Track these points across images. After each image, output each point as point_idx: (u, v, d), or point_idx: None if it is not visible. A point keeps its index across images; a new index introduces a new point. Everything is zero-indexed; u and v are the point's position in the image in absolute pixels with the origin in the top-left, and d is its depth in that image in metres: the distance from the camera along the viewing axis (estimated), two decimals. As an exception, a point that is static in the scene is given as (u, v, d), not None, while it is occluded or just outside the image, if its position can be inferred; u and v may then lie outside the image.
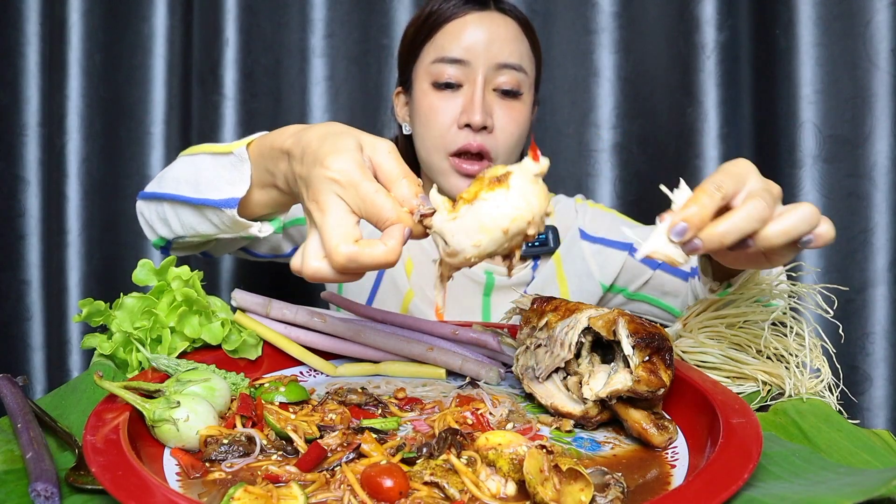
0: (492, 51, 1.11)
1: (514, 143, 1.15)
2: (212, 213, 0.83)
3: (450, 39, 1.12)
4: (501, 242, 0.59)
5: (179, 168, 0.90)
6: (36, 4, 1.69)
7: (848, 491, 0.49)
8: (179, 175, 0.89)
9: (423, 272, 1.20)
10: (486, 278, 1.19)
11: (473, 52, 1.11)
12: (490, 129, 1.12)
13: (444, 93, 1.13)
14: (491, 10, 1.14)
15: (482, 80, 1.11)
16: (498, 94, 1.13)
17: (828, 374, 0.79)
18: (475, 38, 1.11)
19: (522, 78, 1.13)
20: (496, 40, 1.11)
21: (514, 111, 1.13)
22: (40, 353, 1.75)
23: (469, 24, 1.12)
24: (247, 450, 0.61)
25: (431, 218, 0.60)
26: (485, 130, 1.11)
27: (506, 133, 1.13)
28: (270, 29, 1.61)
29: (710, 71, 1.47)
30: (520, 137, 1.15)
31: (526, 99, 1.15)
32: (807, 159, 1.44)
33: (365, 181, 0.59)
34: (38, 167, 1.72)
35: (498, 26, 1.12)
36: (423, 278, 1.20)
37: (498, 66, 1.11)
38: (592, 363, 0.70)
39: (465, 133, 1.11)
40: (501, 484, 0.54)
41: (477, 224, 0.58)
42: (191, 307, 0.80)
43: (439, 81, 1.12)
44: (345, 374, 0.85)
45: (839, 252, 1.45)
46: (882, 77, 1.41)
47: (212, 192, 0.82)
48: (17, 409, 0.65)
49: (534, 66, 1.18)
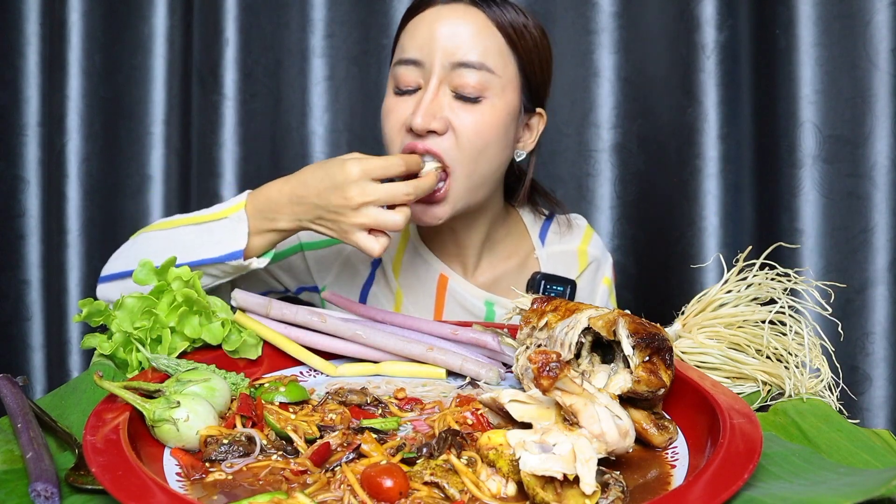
0: (449, 46, 0.96)
1: (477, 149, 0.98)
2: (212, 268, 0.95)
3: (409, 38, 1.00)
4: None
5: (151, 244, 1.00)
6: (36, 4, 1.69)
7: (848, 491, 0.49)
8: (155, 249, 0.97)
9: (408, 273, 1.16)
10: (486, 310, 1.12)
11: (428, 51, 0.97)
12: (440, 131, 0.96)
13: (401, 97, 1.00)
14: (460, 2, 0.99)
15: (436, 80, 0.97)
16: (455, 97, 0.98)
17: (827, 373, 0.79)
18: (431, 36, 0.97)
19: (487, 78, 0.97)
20: (454, 36, 0.97)
21: (476, 115, 0.97)
22: (40, 353, 1.75)
23: (426, 19, 0.99)
24: (247, 450, 0.61)
25: None
26: (433, 134, 0.97)
27: (464, 132, 0.97)
28: (270, 29, 1.61)
29: (710, 71, 1.47)
30: (485, 144, 0.99)
31: (495, 102, 0.98)
32: (807, 159, 1.43)
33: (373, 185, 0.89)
34: (38, 167, 1.72)
35: (459, 19, 0.97)
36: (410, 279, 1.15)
37: (455, 65, 0.96)
38: (592, 363, 0.70)
39: (411, 137, 0.98)
40: (502, 484, 0.54)
41: None
42: (191, 307, 0.80)
43: (398, 87, 1.00)
44: (345, 374, 0.85)
45: (839, 252, 1.45)
46: (882, 77, 1.41)
47: (209, 252, 0.95)
48: (17, 409, 0.65)
49: (513, 65, 1.01)
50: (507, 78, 1.00)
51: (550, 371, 0.56)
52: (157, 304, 0.80)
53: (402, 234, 1.17)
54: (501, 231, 1.16)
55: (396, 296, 1.14)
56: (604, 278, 1.22)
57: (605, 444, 0.56)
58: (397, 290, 1.14)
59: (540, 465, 0.51)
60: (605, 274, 1.22)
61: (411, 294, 1.14)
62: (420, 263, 1.15)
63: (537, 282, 1.07)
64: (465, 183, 1.00)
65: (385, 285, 1.15)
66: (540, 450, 0.54)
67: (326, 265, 1.17)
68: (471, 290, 1.13)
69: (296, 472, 0.57)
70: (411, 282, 1.15)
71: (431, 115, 0.96)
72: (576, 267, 1.19)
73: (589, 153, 1.59)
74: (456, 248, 1.13)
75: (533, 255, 1.18)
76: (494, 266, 1.16)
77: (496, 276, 1.15)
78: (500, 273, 1.16)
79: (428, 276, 1.14)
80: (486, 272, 1.15)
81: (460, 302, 1.13)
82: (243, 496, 0.52)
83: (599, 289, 1.21)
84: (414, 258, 1.15)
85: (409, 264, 1.15)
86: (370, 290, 1.16)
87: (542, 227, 1.21)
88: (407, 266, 1.15)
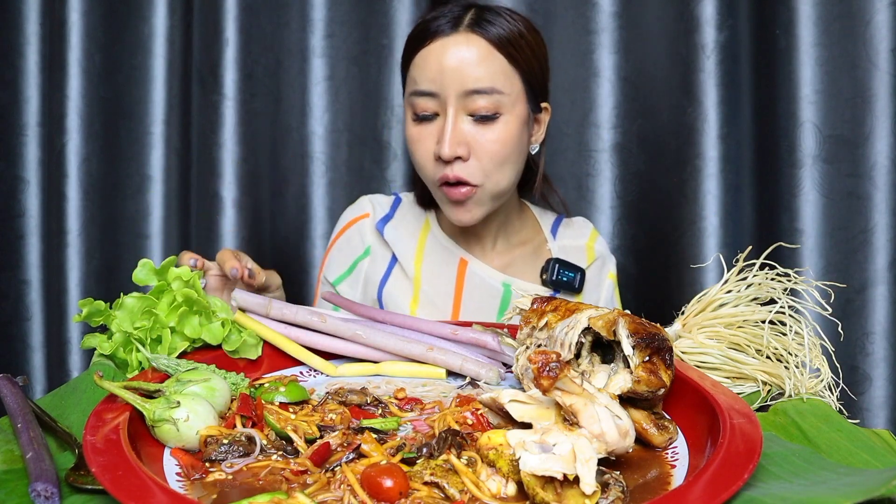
0: (459, 78, 1.08)
1: (500, 162, 1.11)
2: None
3: (419, 71, 1.11)
4: None
5: None
6: (36, 4, 1.69)
7: (848, 491, 0.49)
8: None
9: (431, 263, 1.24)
10: (503, 290, 1.21)
11: (440, 83, 1.09)
12: (465, 157, 1.10)
13: (423, 124, 1.13)
14: (459, 32, 1.10)
15: (453, 110, 1.09)
16: (474, 120, 1.10)
17: (827, 373, 0.79)
18: (441, 68, 1.08)
19: (498, 98, 1.09)
20: (462, 66, 1.08)
21: (494, 133, 1.10)
22: (40, 353, 1.75)
23: (434, 53, 1.10)
24: (247, 450, 0.61)
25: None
26: (459, 160, 1.10)
27: (487, 156, 1.10)
28: (270, 29, 1.61)
29: (710, 71, 1.47)
30: (507, 155, 1.12)
31: (508, 117, 1.11)
32: (807, 159, 1.43)
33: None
34: (38, 167, 1.72)
35: (462, 51, 1.08)
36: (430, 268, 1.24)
37: (467, 93, 1.08)
38: (592, 363, 0.70)
39: (441, 165, 1.11)
40: (502, 484, 0.54)
41: None
42: (191, 307, 0.80)
43: (417, 114, 1.13)
44: (345, 374, 0.85)
45: (839, 252, 1.45)
46: (882, 77, 1.41)
47: None
48: (17, 409, 0.65)
49: (517, 80, 1.12)
50: (515, 93, 1.12)
51: (550, 371, 0.56)
52: (157, 304, 0.80)
53: (424, 226, 1.28)
54: (517, 222, 1.29)
55: (414, 283, 1.23)
56: (609, 273, 1.32)
57: (605, 444, 0.56)
58: (415, 277, 1.23)
59: (540, 465, 0.51)
60: (610, 269, 1.33)
61: (431, 279, 1.23)
62: (440, 251, 1.25)
63: (552, 266, 1.22)
64: (492, 191, 1.14)
65: (403, 277, 1.25)
66: (540, 450, 0.54)
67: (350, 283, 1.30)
68: (489, 273, 1.23)
69: (296, 472, 0.58)
70: (433, 268, 1.24)
71: (456, 143, 1.08)
72: (584, 260, 1.29)
73: (589, 153, 1.59)
74: (475, 236, 1.25)
75: (545, 246, 1.30)
76: (510, 251, 1.27)
77: (512, 259, 1.27)
78: (515, 257, 1.27)
79: (450, 260, 1.24)
80: (503, 256, 1.27)
81: (479, 284, 1.22)
82: (243, 496, 0.52)
83: (605, 282, 1.31)
84: (435, 246, 1.25)
85: (430, 252, 1.25)
86: (385, 288, 1.25)
87: (553, 223, 1.33)
88: (429, 254, 1.25)
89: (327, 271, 1.30)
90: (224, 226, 1.57)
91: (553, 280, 1.22)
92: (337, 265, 1.29)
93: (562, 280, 1.22)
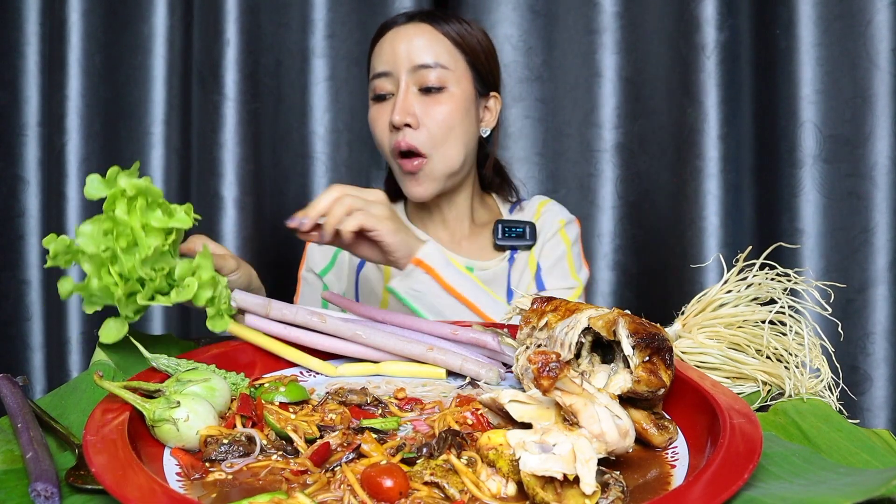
0: (408, 56, 1.22)
1: (446, 131, 1.23)
2: None
3: (376, 57, 1.27)
4: None
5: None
6: (36, 4, 1.69)
7: (848, 491, 0.49)
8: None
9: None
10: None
11: (393, 63, 1.23)
12: (415, 125, 1.21)
13: (380, 104, 1.26)
14: (410, 23, 1.25)
15: (404, 84, 1.22)
16: (422, 93, 1.22)
17: (827, 373, 0.79)
18: (393, 50, 1.24)
19: (443, 73, 1.23)
20: (412, 47, 1.23)
21: (439, 104, 1.22)
22: (40, 353, 1.75)
23: (388, 40, 1.25)
24: (247, 450, 0.61)
25: None
26: (408, 128, 1.21)
27: (434, 124, 1.22)
28: (271, 29, 1.61)
29: (710, 71, 1.47)
30: (452, 126, 1.23)
31: (454, 90, 1.23)
32: (807, 159, 1.43)
33: None
34: (38, 167, 1.72)
35: (411, 34, 1.23)
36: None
37: (415, 68, 1.22)
38: (592, 363, 0.70)
39: (395, 133, 1.23)
40: (502, 484, 0.54)
41: None
42: (147, 200, 0.78)
43: (375, 94, 1.27)
44: (345, 375, 0.85)
45: (839, 252, 1.45)
46: (882, 77, 1.41)
47: None
48: (17, 409, 0.65)
49: (462, 61, 1.25)
50: (460, 71, 1.26)
51: (550, 371, 0.56)
52: (115, 209, 0.77)
53: None
54: (480, 210, 1.40)
55: (384, 268, 1.31)
56: (560, 220, 1.37)
57: (605, 444, 0.56)
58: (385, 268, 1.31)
59: (540, 465, 0.51)
60: (561, 218, 1.37)
61: None
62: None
63: (497, 228, 1.33)
64: (442, 163, 1.24)
65: (374, 266, 1.32)
66: (540, 450, 0.53)
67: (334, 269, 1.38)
68: (453, 257, 1.28)
69: (296, 472, 0.57)
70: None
71: (405, 112, 1.21)
72: (532, 218, 1.38)
73: (591, 153, 1.59)
74: (442, 224, 1.36)
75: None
76: (474, 237, 1.37)
77: (475, 243, 1.36)
78: (478, 241, 1.37)
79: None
80: (468, 241, 1.36)
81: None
82: (243, 496, 0.52)
83: (554, 227, 1.36)
84: None
85: None
86: (361, 272, 1.35)
87: (511, 208, 1.43)
88: None
89: (311, 263, 1.38)
90: (225, 225, 1.57)
91: (502, 240, 1.32)
92: (320, 257, 1.37)
93: (512, 236, 1.32)
